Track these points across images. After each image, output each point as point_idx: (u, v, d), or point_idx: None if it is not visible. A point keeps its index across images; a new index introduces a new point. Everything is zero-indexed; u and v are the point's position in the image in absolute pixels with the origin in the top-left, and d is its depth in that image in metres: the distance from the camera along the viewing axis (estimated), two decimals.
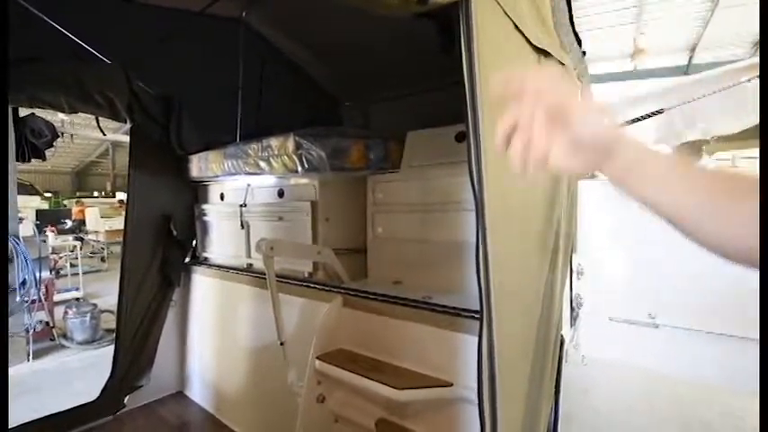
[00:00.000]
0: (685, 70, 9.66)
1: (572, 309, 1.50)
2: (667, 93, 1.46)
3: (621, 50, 9.52)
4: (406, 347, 1.64)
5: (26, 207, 6.69)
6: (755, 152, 6.80)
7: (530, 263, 1.16)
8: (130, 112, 2.34)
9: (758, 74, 1.31)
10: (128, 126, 2.51)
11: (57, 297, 5.31)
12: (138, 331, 2.65)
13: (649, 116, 1.57)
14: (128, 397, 2.62)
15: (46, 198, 13.46)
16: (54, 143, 4.63)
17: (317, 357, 1.68)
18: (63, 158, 17.93)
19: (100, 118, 2.46)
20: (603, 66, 10.10)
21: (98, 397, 2.48)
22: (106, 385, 2.52)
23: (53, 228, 6.66)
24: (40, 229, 6.34)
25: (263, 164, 2.13)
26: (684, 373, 1.73)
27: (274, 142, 2.05)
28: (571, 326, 1.49)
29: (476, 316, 1.41)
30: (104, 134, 3.21)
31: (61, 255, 7.08)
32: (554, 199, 1.34)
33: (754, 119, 1.96)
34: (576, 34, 2.79)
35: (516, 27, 1.27)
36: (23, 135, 4.20)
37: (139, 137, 2.51)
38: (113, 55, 2.26)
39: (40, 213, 8.14)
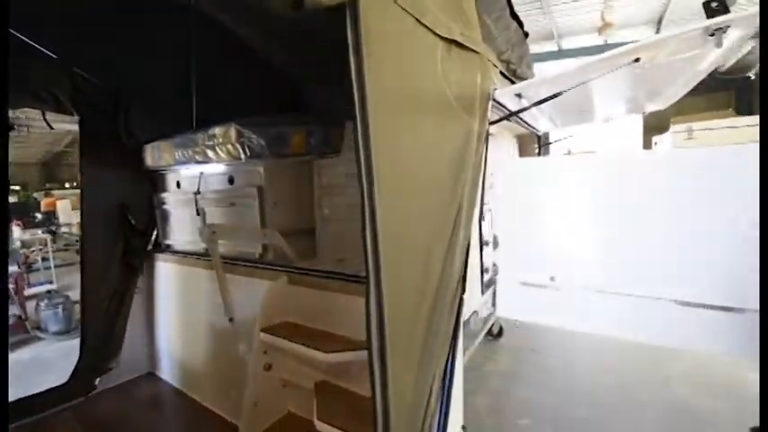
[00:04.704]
0: None
1: (482, 274, 1.69)
2: (572, 73, 1.60)
3: (591, 24, 9.57)
4: (342, 317, 1.81)
5: None
6: (711, 124, 7.09)
7: (427, 230, 1.31)
8: (76, 106, 2.37)
9: (642, 55, 1.47)
10: None
11: (30, 291, 5.31)
12: (105, 317, 2.76)
13: (547, 100, 1.73)
14: (99, 379, 2.75)
15: (13, 191, 13.04)
16: (8, 135, 4.55)
17: (262, 330, 1.84)
18: (28, 150, 17.22)
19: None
20: (574, 41, 10.19)
21: (68, 380, 2.61)
22: (76, 368, 2.64)
23: (19, 221, 6.55)
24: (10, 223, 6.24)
25: (210, 152, 2.22)
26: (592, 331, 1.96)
27: (218, 131, 2.13)
28: (482, 292, 1.68)
29: None
30: (52, 128, 3.16)
31: (32, 249, 6.99)
32: (459, 172, 1.50)
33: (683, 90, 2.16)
34: (515, 17, 2.91)
35: (419, 21, 1.37)
36: None
37: (88, 129, 2.54)
38: (57, 46, 2.24)
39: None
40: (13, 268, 4.69)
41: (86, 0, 2.21)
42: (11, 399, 2.43)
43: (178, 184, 2.87)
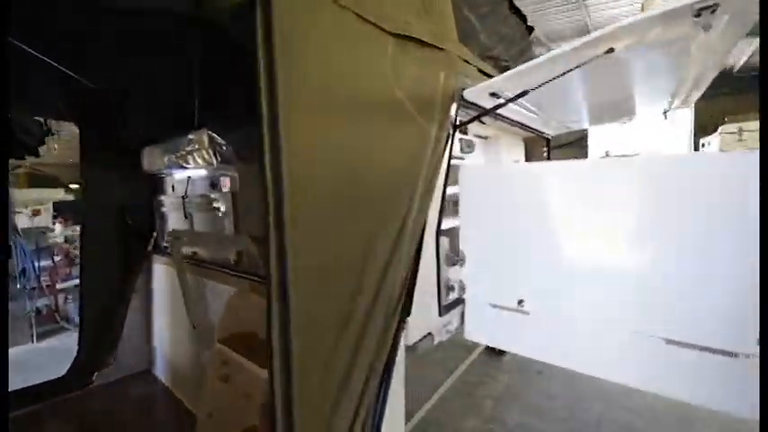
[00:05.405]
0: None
1: (439, 293, 1.53)
2: (539, 67, 1.41)
3: (631, 9, 8.87)
4: None
5: (37, 199, 7.11)
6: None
7: (358, 244, 1.19)
8: (73, 112, 2.48)
9: (616, 45, 1.27)
10: None
11: (64, 284, 5.68)
12: (103, 315, 2.87)
13: (515, 99, 1.54)
14: (96, 374, 2.86)
15: (71, 190, 14.24)
16: (45, 140, 4.91)
17: (219, 340, 1.79)
18: None
19: None
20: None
21: (66, 373, 2.73)
22: (73, 362, 2.76)
23: (61, 219, 7.13)
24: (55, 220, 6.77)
25: (189, 158, 2.23)
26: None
27: (194, 136, 2.13)
28: (440, 313, 1.52)
29: None
30: (53, 133, 3.38)
31: (75, 245, 7.55)
32: (407, 180, 1.36)
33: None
34: (515, 11, 2.69)
35: (360, 17, 1.27)
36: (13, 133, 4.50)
37: (88, 133, 2.65)
38: (55, 53, 2.33)
39: (57, 205, 8.67)
40: (47, 263, 5.07)
41: (85, 7, 2.30)
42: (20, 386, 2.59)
43: (173, 188, 2.93)
